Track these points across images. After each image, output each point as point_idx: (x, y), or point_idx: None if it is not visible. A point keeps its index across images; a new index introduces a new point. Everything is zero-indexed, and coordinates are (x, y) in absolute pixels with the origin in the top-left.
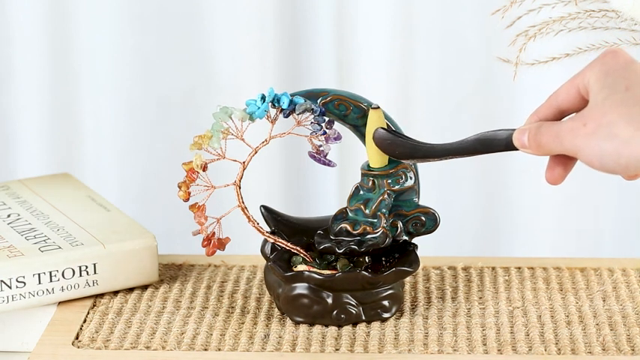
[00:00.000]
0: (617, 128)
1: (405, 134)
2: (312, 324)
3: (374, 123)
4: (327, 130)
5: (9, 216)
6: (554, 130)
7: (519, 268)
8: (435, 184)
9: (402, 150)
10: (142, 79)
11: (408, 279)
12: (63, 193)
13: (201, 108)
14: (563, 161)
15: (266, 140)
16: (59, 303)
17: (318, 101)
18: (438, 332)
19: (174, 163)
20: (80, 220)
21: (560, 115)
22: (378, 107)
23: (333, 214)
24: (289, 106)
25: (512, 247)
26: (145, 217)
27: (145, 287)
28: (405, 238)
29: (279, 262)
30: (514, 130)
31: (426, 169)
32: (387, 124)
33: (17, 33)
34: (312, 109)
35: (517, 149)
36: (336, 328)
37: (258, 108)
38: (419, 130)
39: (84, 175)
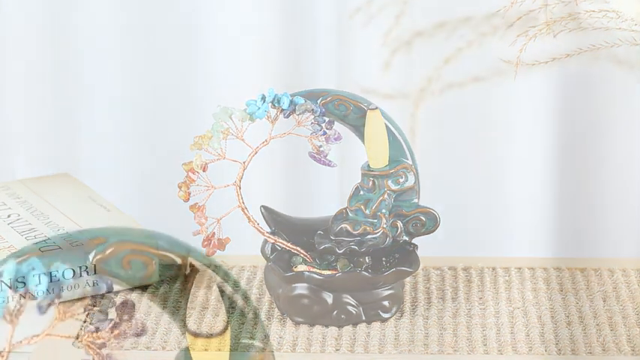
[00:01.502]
0: None
1: None
2: (312, 324)
3: (372, 123)
4: (327, 131)
5: (9, 216)
6: None
7: (519, 268)
8: (435, 184)
9: None
10: (142, 79)
11: (408, 279)
12: (63, 193)
13: (201, 108)
14: None
15: (266, 140)
16: (59, 303)
17: (318, 101)
18: (439, 332)
19: (174, 163)
20: (80, 220)
21: None
22: (377, 108)
23: (333, 214)
24: (289, 106)
25: (512, 247)
26: (145, 217)
27: (144, 287)
28: (405, 238)
29: (279, 262)
30: None
31: (426, 169)
32: (387, 124)
33: (17, 33)
34: (313, 110)
35: None
36: (337, 329)
37: (259, 108)
38: (419, 130)
39: (84, 175)
